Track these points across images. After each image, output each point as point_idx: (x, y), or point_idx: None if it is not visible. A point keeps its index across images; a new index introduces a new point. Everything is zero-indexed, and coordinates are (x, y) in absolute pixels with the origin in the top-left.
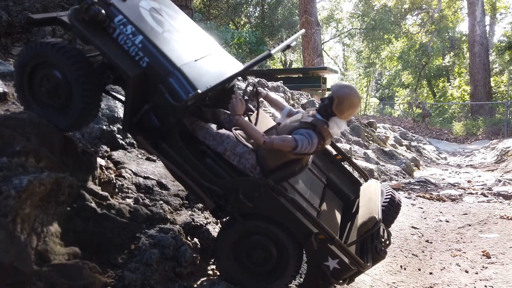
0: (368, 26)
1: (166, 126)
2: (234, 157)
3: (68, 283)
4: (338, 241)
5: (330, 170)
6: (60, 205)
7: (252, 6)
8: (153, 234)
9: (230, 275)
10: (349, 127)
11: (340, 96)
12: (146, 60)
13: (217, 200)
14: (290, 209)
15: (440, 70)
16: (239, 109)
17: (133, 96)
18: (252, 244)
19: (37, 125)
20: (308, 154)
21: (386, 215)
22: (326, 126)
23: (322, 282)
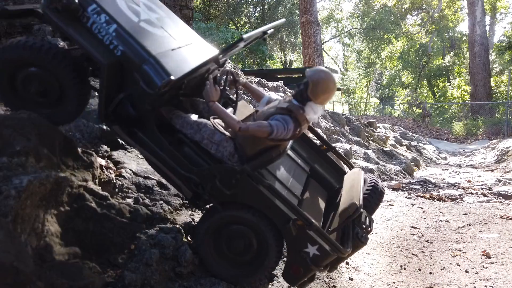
0: (368, 26)
1: (142, 115)
2: (212, 145)
3: (68, 283)
4: (317, 226)
5: (315, 161)
6: (60, 205)
7: (252, 6)
8: (153, 234)
9: (210, 265)
10: (349, 127)
11: (314, 80)
12: (121, 48)
13: (194, 189)
14: (268, 195)
15: (440, 70)
16: (213, 95)
17: (107, 84)
18: (232, 233)
19: (37, 125)
20: (285, 140)
21: (369, 202)
22: (302, 111)
23: (303, 269)
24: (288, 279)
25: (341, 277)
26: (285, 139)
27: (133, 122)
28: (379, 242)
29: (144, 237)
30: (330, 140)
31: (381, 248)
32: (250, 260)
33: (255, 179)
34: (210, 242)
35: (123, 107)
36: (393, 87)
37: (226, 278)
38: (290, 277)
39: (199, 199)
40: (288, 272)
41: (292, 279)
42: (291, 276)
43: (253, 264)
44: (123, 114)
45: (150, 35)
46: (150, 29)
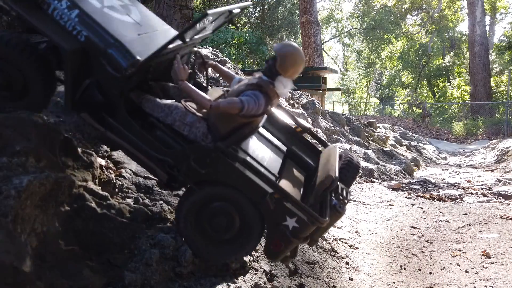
0: (368, 26)
1: (111, 100)
2: (185, 127)
3: (68, 283)
4: (293, 198)
5: (292, 143)
6: (60, 205)
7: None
8: (153, 234)
9: (194, 246)
10: (349, 127)
11: (282, 54)
12: (84, 33)
13: (169, 171)
14: (243, 171)
15: (440, 70)
16: (181, 74)
17: (72, 71)
18: (213, 212)
19: (37, 125)
20: (257, 116)
21: (345, 175)
22: (272, 86)
23: (284, 243)
24: (269, 255)
25: (341, 277)
26: (257, 115)
27: (102, 108)
28: (379, 242)
29: (144, 237)
30: (330, 140)
31: (381, 248)
32: (233, 238)
33: (229, 155)
34: (191, 221)
35: (90, 94)
36: (393, 87)
37: (209, 257)
38: (272, 252)
39: (175, 181)
40: (269, 248)
41: (273, 254)
42: (272, 251)
43: (236, 242)
44: (91, 101)
45: (115, 20)
46: (115, 15)
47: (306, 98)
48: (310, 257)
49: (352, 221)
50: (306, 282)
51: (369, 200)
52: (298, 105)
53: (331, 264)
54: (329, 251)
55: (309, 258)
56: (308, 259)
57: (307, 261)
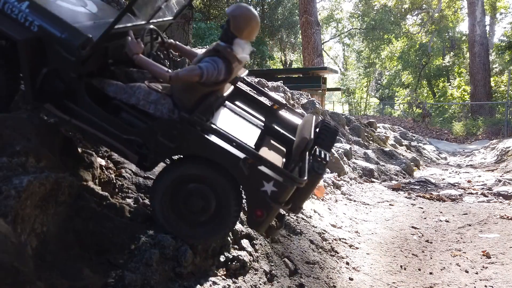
0: (368, 26)
1: (71, 86)
2: (150, 105)
3: (68, 283)
4: (267, 160)
5: (270, 120)
6: (60, 205)
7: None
8: (153, 234)
9: (170, 226)
10: (349, 127)
11: (234, 15)
12: (37, 23)
13: (138, 150)
14: (211, 139)
15: (440, 70)
16: (135, 47)
17: (28, 62)
18: (188, 193)
19: (37, 125)
20: (220, 83)
21: (323, 140)
22: (230, 50)
23: (265, 210)
24: (253, 225)
25: (341, 277)
26: (219, 81)
27: (63, 95)
28: (379, 242)
29: (144, 237)
30: None
31: (381, 248)
32: (212, 216)
33: (196, 124)
34: (167, 202)
35: (49, 82)
36: (393, 87)
37: (192, 239)
38: (255, 223)
39: (145, 160)
40: (252, 218)
41: (257, 224)
42: (256, 221)
43: (215, 219)
44: (51, 89)
45: (68, 10)
46: (68, 5)
47: (306, 98)
48: (310, 257)
49: (352, 221)
50: (306, 282)
51: (369, 200)
52: (298, 105)
53: (331, 264)
54: (329, 251)
55: (309, 258)
56: (308, 259)
57: (307, 261)
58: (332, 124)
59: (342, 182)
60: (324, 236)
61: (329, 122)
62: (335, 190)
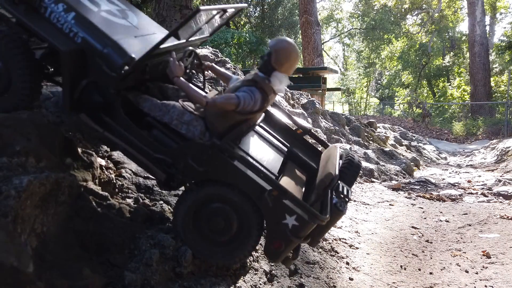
0: (368, 26)
1: (108, 100)
2: (182, 125)
3: (68, 283)
4: (292, 195)
5: (293, 145)
6: (60, 205)
7: (252, 6)
8: (153, 234)
9: (193, 247)
10: (349, 127)
11: (277, 49)
12: (81, 35)
13: (167, 170)
14: (240, 167)
15: (440, 70)
16: (177, 70)
17: (70, 72)
18: (211, 212)
19: (37, 125)
20: (254, 112)
21: (346, 174)
22: (268, 82)
23: (284, 243)
24: (270, 255)
25: (341, 277)
26: (254, 111)
27: (100, 108)
28: (379, 242)
29: (144, 237)
30: (330, 140)
31: (381, 248)
32: (232, 239)
33: (225, 152)
34: (190, 223)
35: (88, 94)
36: (393, 87)
37: (210, 258)
38: (272, 253)
39: (173, 180)
40: (270, 248)
41: (274, 254)
42: (273, 251)
43: (235, 242)
44: (89, 101)
45: (111, 23)
46: (111, 18)
47: (306, 98)
48: (310, 257)
49: (352, 221)
50: (306, 282)
51: (369, 200)
52: (298, 105)
53: (331, 264)
54: (329, 251)
55: (309, 258)
56: (308, 259)
57: (307, 261)
58: (356, 158)
59: None
60: (324, 236)
61: (353, 156)
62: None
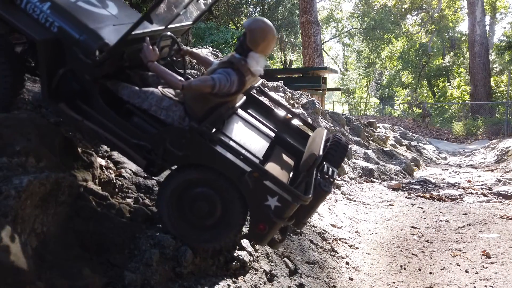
0: (368, 26)
1: (85, 88)
2: (161, 111)
3: (68, 283)
4: (273, 175)
5: (282, 130)
6: (60, 205)
7: (252, 6)
8: (153, 234)
9: (178, 232)
10: (349, 127)
11: (251, 28)
12: (57, 24)
13: (147, 156)
14: (219, 150)
15: (440, 70)
16: (150, 55)
17: (46, 62)
18: (195, 197)
19: (37, 125)
20: (232, 94)
21: (333, 156)
22: (244, 62)
23: (268, 225)
24: (255, 238)
25: (341, 277)
26: (231, 93)
27: (78, 96)
28: (379, 242)
29: (144, 237)
30: None
31: (381, 248)
32: (217, 222)
33: (204, 135)
34: (173, 207)
35: (65, 83)
36: (393, 87)
37: (194, 243)
38: (257, 236)
39: (153, 166)
40: (254, 231)
41: (258, 237)
42: (257, 234)
43: (220, 225)
44: (67, 90)
45: (89, 12)
46: (88, 7)
47: (306, 98)
48: (310, 257)
49: (352, 221)
50: (306, 282)
51: (369, 200)
52: (298, 105)
53: (331, 264)
54: (329, 251)
55: (309, 258)
56: (308, 259)
57: (307, 261)
58: (343, 139)
59: (342, 182)
60: (324, 236)
61: (340, 137)
62: (335, 190)
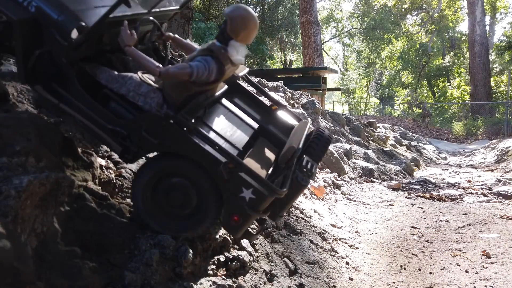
0: (368, 26)
1: (62, 70)
2: (139, 97)
3: (68, 283)
4: (248, 167)
5: (266, 120)
6: (60, 205)
7: (252, 6)
8: (153, 234)
9: (150, 220)
10: (349, 127)
11: (232, 16)
12: (35, 4)
13: (122, 142)
14: (194, 139)
15: (440, 70)
16: (128, 39)
17: (23, 42)
18: (170, 186)
19: (37, 125)
20: (210, 83)
21: (314, 149)
22: (224, 51)
23: (242, 216)
24: (229, 230)
25: (341, 277)
26: (210, 81)
27: (54, 79)
28: (379, 242)
29: (144, 237)
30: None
31: (381, 248)
32: (192, 212)
33: (180, 123)
34: (148, 197)
35: (41, 64)
36: (393, 87)
37: (169, 232)
38: (231, 227)
39: (128, 153)
40: (228, 222)
41: (233, 228)
42: (232, 225)
43: (194, 216)
44: (43, 71)
45: None
46: None
47: (306, 98)
48: (310, 257)
49: (352, 221)
50: (306, 282)
51: (369, 200)
52: (298, 105)
53: (331, 264)
54: (329, 251)
55: (309, 258)
56: (308, 259)
57: (307, 261)
58: (326, 133)
59: (342, 182)
60: (324, 236)
61: (323, 131)
62: (335, 190)
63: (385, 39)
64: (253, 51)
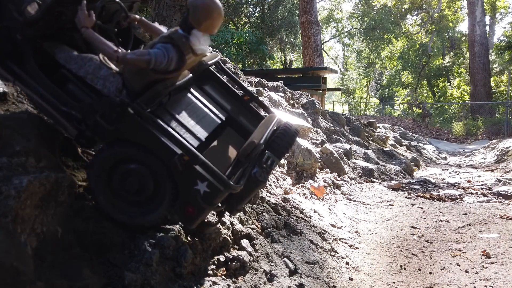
0: (368, 26)
1: (17, 47)
2: (98, 80)
3: (68, 283)
4: (203, 160)
5: (238, 112)
6: (60, 205)
7: (252, 6)
8: (153, 234)
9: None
10: (349, 127)
11: (195, 5)
12: None
13: (77, 126)
14: (150, 128)
15: (440, 70)
16: (85, 20)
17: None
18: (125, 172)
19: (37, 125)
20: (170, 72)
21: (278, 144)
22: (185, 40)
23: (196, 209)
24: (183, 221)
25: (341, 277)
26: (169, 70)
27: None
28: (379, 242)
29: (144, 237)
30: (329, 140)
31: (381, 248)
32: (147, 200)
33: (135, 111)
34: (104, 183)
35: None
36: (393, 87)
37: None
38: (185, 219)
39: (83, 137)
40: (183, 214)
41: (187, 220)
42: (186, 217)
43: (150, 204)
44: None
45: None
46: None
47: (306, 98)
48: (310, 257)
49: (352, 221)
50: (306, 282)
51: (369, 200)
52: (298, 105)
53: (331, 264)
54: (329, 251)
55: (309, 258)
56: (308, 259)
57: (307, 261)
58: (293, 128)
59: (342, 182)
60: (324, 236)
61: (290, 126)
62: (335, 190)
63: (385, 39)
64: (253, 51)
